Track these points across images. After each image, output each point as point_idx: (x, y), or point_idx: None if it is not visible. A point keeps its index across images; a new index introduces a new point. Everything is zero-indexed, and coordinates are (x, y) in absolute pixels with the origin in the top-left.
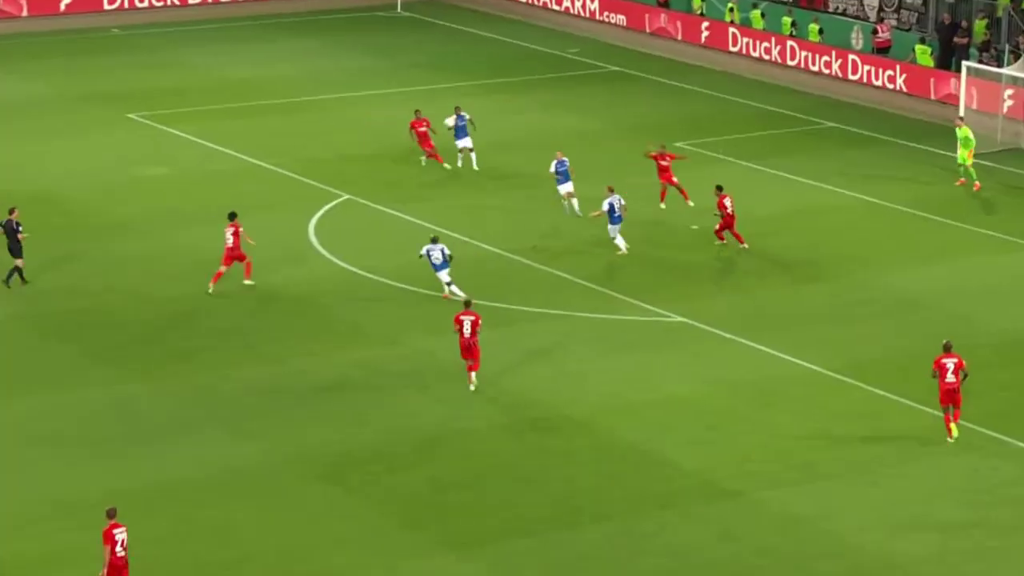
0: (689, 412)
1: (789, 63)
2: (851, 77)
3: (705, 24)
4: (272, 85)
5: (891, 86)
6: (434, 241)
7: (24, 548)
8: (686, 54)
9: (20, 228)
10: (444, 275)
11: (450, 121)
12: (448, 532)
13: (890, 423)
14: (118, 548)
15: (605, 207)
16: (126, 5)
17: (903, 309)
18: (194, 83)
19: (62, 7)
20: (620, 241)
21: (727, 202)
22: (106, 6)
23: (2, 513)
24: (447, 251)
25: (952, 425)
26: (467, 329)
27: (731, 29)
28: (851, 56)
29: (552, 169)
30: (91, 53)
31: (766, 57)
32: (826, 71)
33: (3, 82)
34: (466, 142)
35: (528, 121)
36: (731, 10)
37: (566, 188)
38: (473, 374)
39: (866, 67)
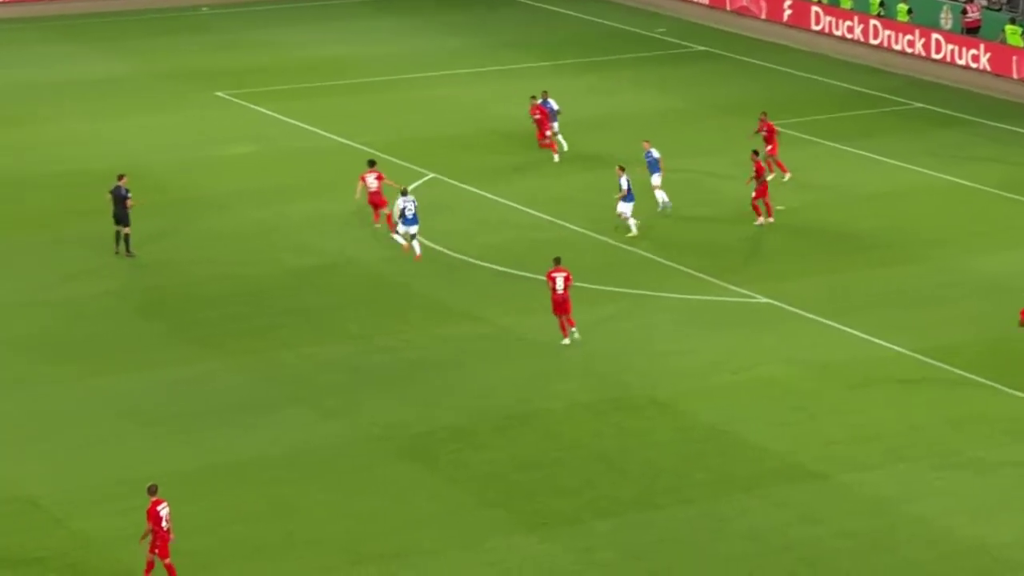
0: (774, 394)
1: (872, 42)
2: (935, 56)
3: (788, 3)
4: (360, 64)
5: (975, 65)
6: (404, 194)
7: (105, 523)
8: (769, 33)
9: (128, 194)
10: (412, 229)
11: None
12: (529, 512)
13: (976, 406)
14: (163, 523)
15: (624, 186)
16: None
17: (991, 291)
18: (282, 62)
19: None
20: (632, 223)
21: (763, 166)
22: None
23: (84, 488)
24: (416, 204)
25: None
26: (559, 285)
27: (814, 8)
28: (935, 35)
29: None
30: (181, 31)
31: (849, 36)
32: (910, 50)
33: (95, 60)
34: (553, 127)
35: (614, 101)
36: None
37: (655, 180)
38: (571, 329)
39: (950, 46)
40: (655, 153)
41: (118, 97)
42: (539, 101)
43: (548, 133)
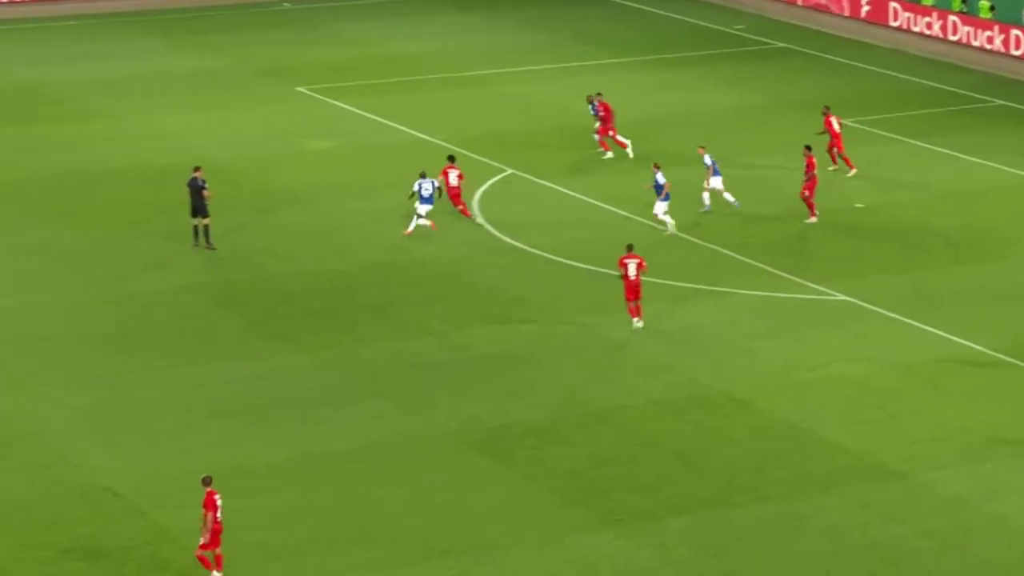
0: (853, 392)
1: (951, 38)
2: (1014, 53)
3: None
4: (438, 59)
5: None
6: (423, 176)
7: (184, 515)
8: (848, 29)
9: (205, 185)
10: (423, 209)
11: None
12: (605, 508)
13: None
14: (218, 513)
15: (661, 180)
16: None
17: None
18: (361, 57)
19: None
20: (668, 219)
21: (815, 161)
22: None
23: (164, 479)
24: (436, 184)
25: None
26: (632, 271)
27: (893, 4)
28: (1015, 32)
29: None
30: (262, 27)
31: (928, 32)
32: (990, 47)
33: (177, 56)
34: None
35: (691, 98)
36: None
37: (717, 183)
38: (637, 317)
39: None
40: (708, 159)
41: (199, 92)
42: (601, 98)
43: (609, 133)
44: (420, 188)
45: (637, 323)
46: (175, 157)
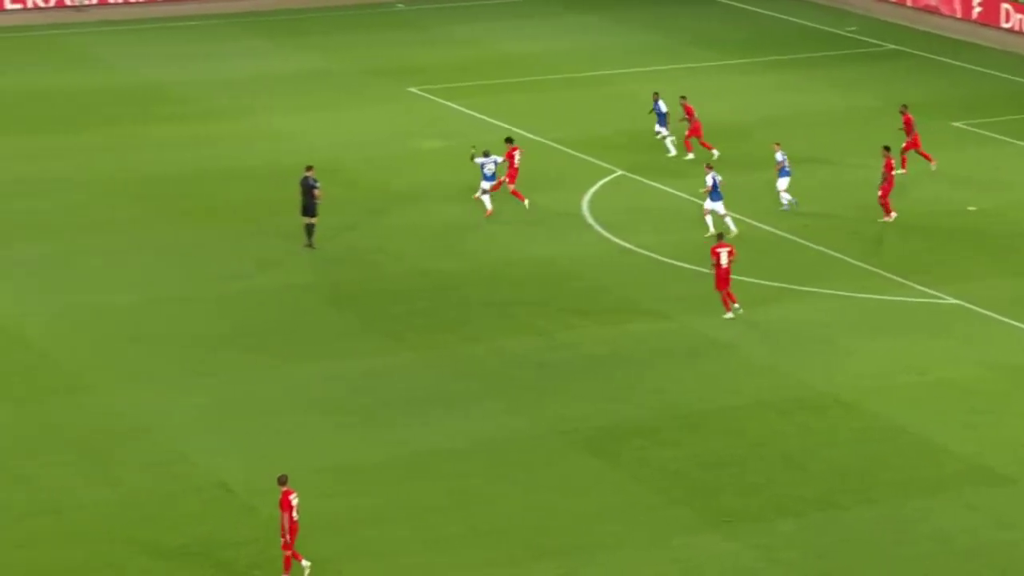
0: (962, 396)
1: None
2: None
3: (978, 0)
4: (551, 60)
5: None
6: (486, 155)
7: None
8: (960, 31)
9: (317, 185)
10: (486, 184)
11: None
12: (712, 509)
13: None
14: (294, 513)
15: (709, 182)
16: None
17: None
18: (475, 58)
19: None
20: (729, 221)
21: (893, 163)
22: None
23: (272, 474)
24: (499, 161)
25: None
26: (724, 260)
27: (1004, 5)
28: None
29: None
30: (375, 28)
31: None
32: None
33: (290, 56)
34: (662, 130)
35: (802, 100)
36: None
37: (781, 183)
38: (733, 304)
39: None
40: (780, 156)
41: (313, 92)
42: (685, 101)
43: (691, 135)
44: (483, 166)
45: (728, 315)
46: (291, 157)
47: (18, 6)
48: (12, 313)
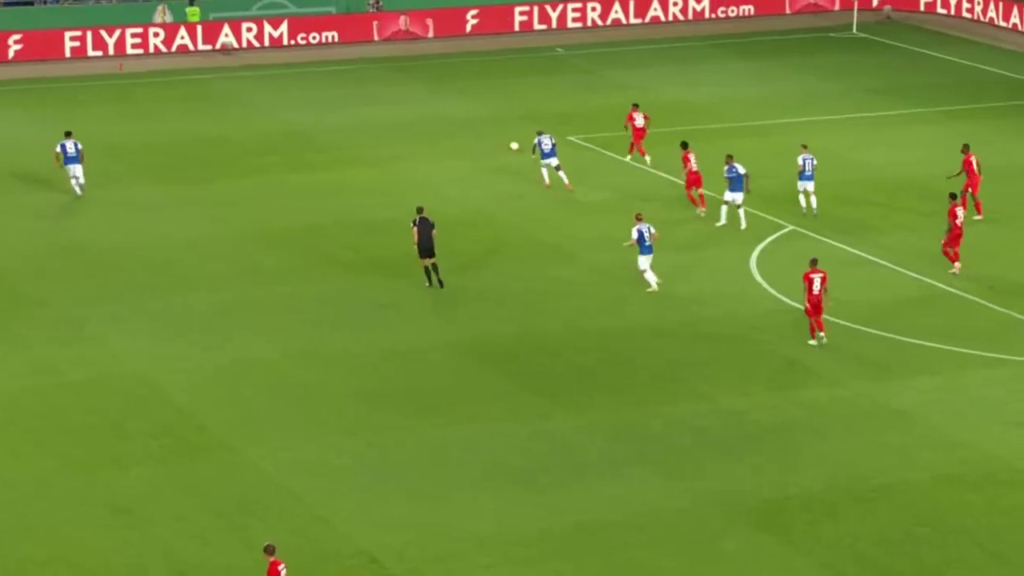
0: None
1: None
2: None
3: None
4: (717, 107)
5: None
6: (540, 133)
7: None
8: None
9: (433, 226)
10: (552, 161)
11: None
12: None
13: None
14: None
15: (635, 236)
16: (556, 24)
17: None
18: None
19: (467, 28)
20: (650, 276)
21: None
22: (536, 26)
23: (426, 543)
24: (552, 140)
25: None
26: (816, 286)
27: None
28: None
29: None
30: (534, 73)
31: None
32: None
33: (442, 101)
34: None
35: (985, 151)
36: None
37: (805, 185)
38: (819, 333)
39: None
40: (802, 159)
41: (463, 138)
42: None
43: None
44: (540, 144)
45: (812, 342)
46: (438, 205)
47: (164, 48)
48: (153, 368)
